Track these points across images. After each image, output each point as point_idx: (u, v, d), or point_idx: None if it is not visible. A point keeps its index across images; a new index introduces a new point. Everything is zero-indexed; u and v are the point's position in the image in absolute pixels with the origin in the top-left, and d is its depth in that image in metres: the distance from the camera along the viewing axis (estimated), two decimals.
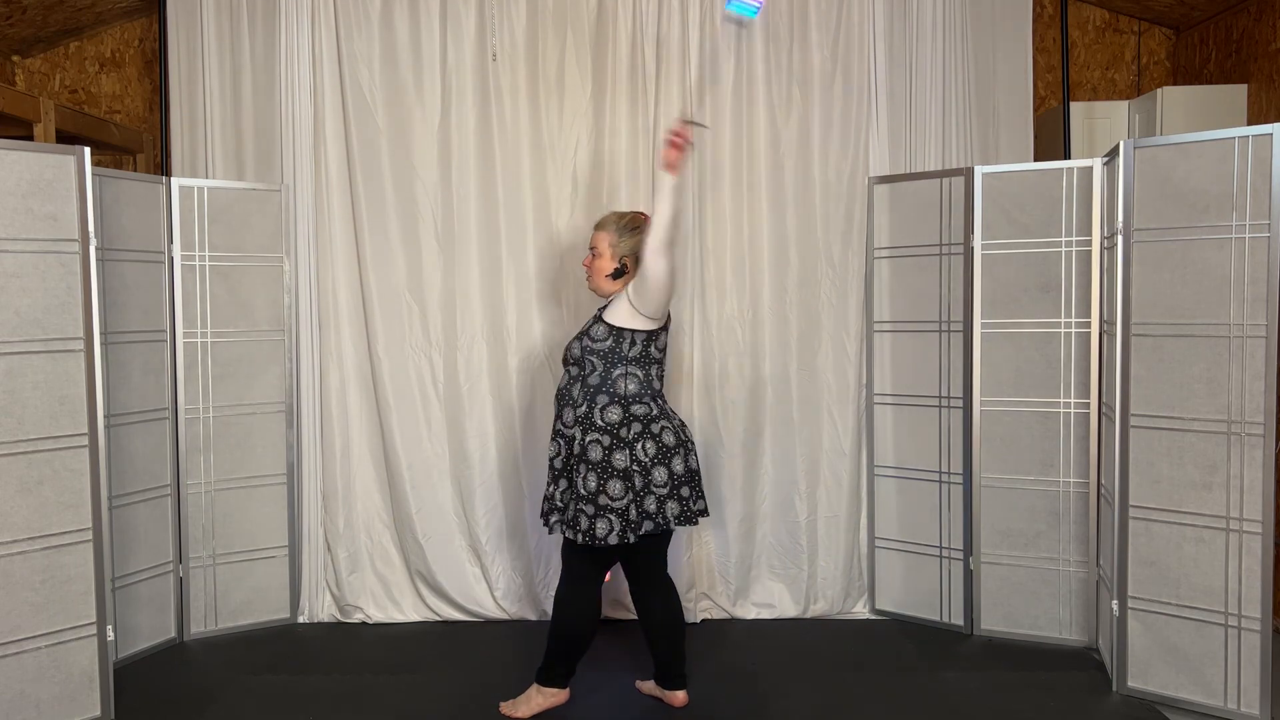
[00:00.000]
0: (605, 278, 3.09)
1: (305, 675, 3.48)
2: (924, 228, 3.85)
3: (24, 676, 2.96)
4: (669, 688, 3.19)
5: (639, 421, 2.97)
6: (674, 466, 2.98)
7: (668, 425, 3.01)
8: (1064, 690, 3.29)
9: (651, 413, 2.99)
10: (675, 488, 2.98)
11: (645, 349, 3.00)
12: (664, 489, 2.96)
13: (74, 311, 3.03)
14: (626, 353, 2.99)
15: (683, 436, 3.04)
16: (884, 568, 4.03)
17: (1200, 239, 3.07)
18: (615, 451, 2.94)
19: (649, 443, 2.96)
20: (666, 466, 2.96)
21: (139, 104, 4.63)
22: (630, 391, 2.98)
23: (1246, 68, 4.14)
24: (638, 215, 3.14)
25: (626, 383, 2.98)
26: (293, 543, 3.98)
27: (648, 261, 2.89)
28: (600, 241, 3.09)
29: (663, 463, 2.96)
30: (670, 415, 3.06)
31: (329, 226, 3.95)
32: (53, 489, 3.00)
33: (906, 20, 3.95)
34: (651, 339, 3.01)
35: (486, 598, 4.01)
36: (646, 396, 3.00)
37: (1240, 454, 3.02)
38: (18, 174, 2.92)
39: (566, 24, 3.94)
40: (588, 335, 3.03)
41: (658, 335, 3.03)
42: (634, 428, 2.96)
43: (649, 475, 2.95)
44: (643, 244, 2.96)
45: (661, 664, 3.18)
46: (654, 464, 2.95)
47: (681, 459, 3.01)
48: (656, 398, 3.04)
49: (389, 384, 3.95)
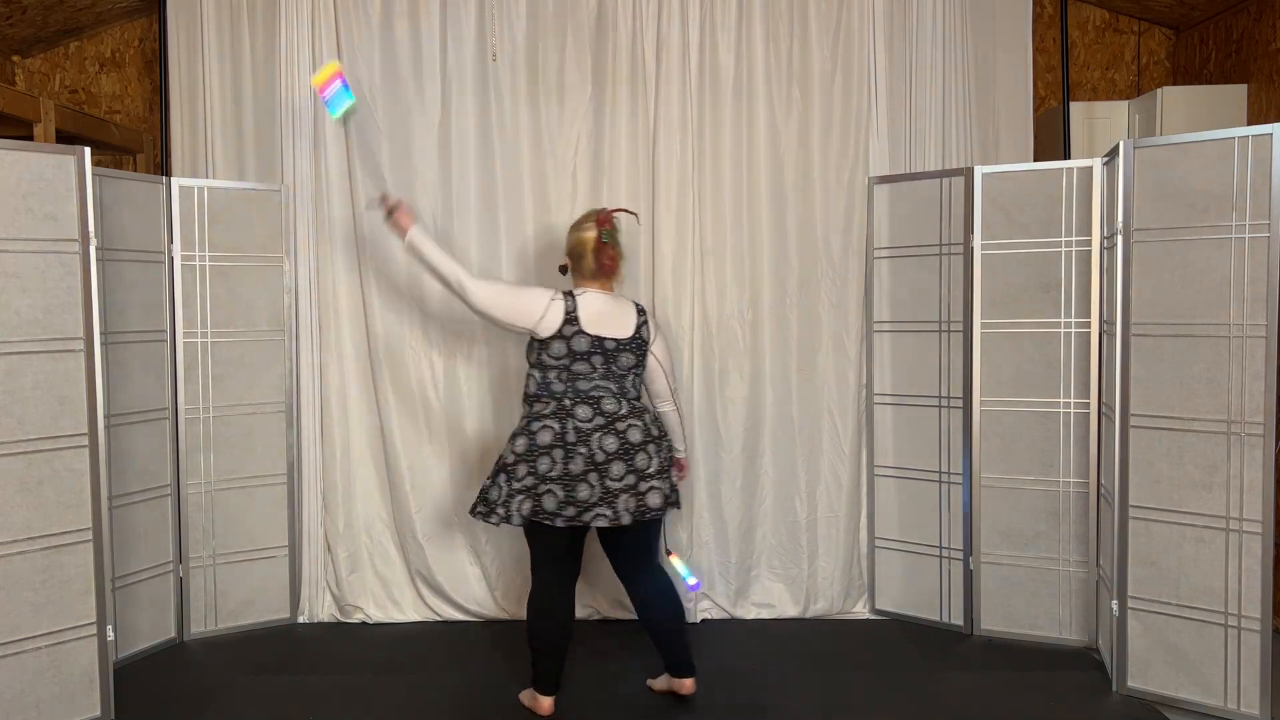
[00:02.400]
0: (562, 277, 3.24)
1: (305, 675, 3.48)
2: (924, 228, 3.85)
3: (24, 676, 2.96)
4: (678, 675, 3.21)
5: (528, 418, 3.08)
6: (539, 465, 2.99)
7: (548, 425, 3.02)
8: (1064, 690, 3.29)
9: (542, 411, 3.05)
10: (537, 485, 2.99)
11: (539, 355, 3.09)
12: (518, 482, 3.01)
13: (74, 311, 3.03)
14: (528, 356, 3.15)
15: (569, 440, 2.99)
16: (884, 568, 4.03)
17: (1200, 239, 3.07)
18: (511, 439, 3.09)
19: (521, 439, 3.05)
20: (530, 463, 3.00)
21: (139, 104, 4.63)
22: (529, 391, 3.12)
23: (1246, 68, 4.15)
24: (591, 212, 3.21)
25: (528, 383, 3.13)
26: (293, 543, 3.98)
27: None
28: None
29: (526, 459, 3.00)
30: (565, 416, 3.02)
31: (329, 226, 3.95)
32: (53, 489, 3.00)
33: (906, 20, 3.95)
34: (543, 346, 3.07)
35: (486, 598, 4.01)
36: (543, 396, 3.07)
37: (1240, 454, 3.02)
38: (18, 174, 2.92)
39: (566, 24, 3.94)
40: None
41: (548, 343, 3.06)
42: (521, 424, 3.09)
43: (514, 467, 3.03)
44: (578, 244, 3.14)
45: (668, 654, 3.20)
46: (521, 458, 3.01)
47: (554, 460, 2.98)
48: (555, 397, 3.06)
49: (389, 384, 3.95)
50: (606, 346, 3.07)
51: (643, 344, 3.14)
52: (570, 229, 3.22)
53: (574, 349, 3.04)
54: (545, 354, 3.07)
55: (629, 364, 3.11)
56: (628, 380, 3.12)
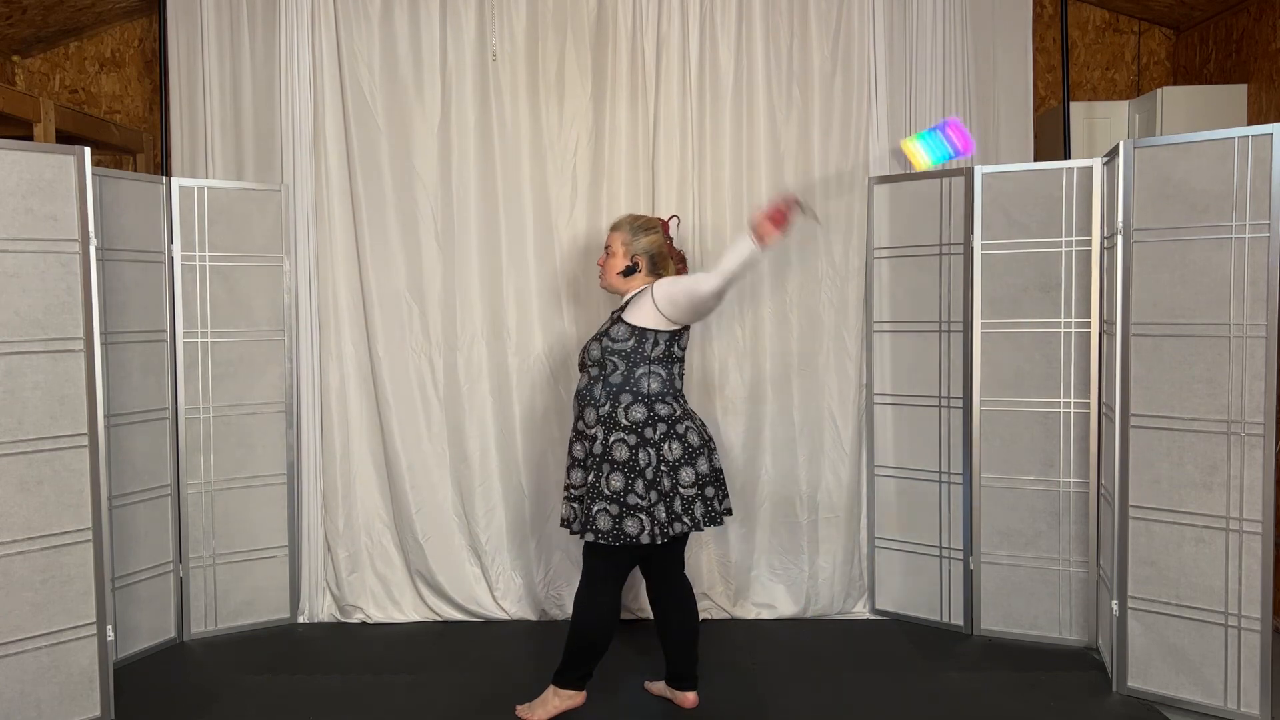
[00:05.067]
0: (616, 275, 3.14)
1: (305, 675, 3.48)
2: (924, 228, 3.85)
3: (24, 676, 2.96)
4: (680, 688, 3.19)
5: (664, 421, 2.98)
6: (699, 467, 3.00)
7: (691, 425, 3.03)
8: (1064, 690, 3.29)
9: (675, 412, 3.01)
10: (701, 488, 3.00)
11: (668, 349, 3.03)
12: (691, 489, 2.98)
13: (74, 311, 3.03)
14: (649, 352, 3.01)
15: (705, 436, 3.06)
16: (884, 568, 4.03)
17: (1200, 239, 3.07)
18: (640, 451, 2.95)
19: (674, 443, 2.97)
20: (692, 467, 2.98)
21: (139, 104, 4.63)
22: (653, 390, 3.00)
23: (1246, 68, 4.14)
24: (653, 218, 3.22)
25: (650, 381, 3.00)
26: (293, 543, 3.98)
27: (702, 288, 2.93)
28: (614, 241, 3.16)
29: (689, 463, 2.98)
30: (693, 415, 3.09)
31: (329, 226, 3.95)
32: (53, 489, 3.00)
33: (906, 20, 3.95)
34: (674, 338, 3.04)
35: (486, 598, 4.01)
36: (669, 396, 3.03)
37: (1240, 454, 3.02)
38: (18, 174, 2.92)
39: (566, 24, 3.94)
40: (608, 336, 3.04)
41: (680, 334, 3.06)
42: (659, 428, 2.97)
43: (676, 475, 2.96)
44: (661, 247, 3.14)
45: (674, 664, 3.19)
46: (680, 464, 2.97)
47: (706, 459, 3.03)
48: (679, 397, 3.07)
49: (389, 384, 3.94)
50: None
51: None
52: (639, 231, 3.14)
53: (687, 343, 3.12)
54: (676, 345, 3.04)
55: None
56: None
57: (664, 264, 3.17)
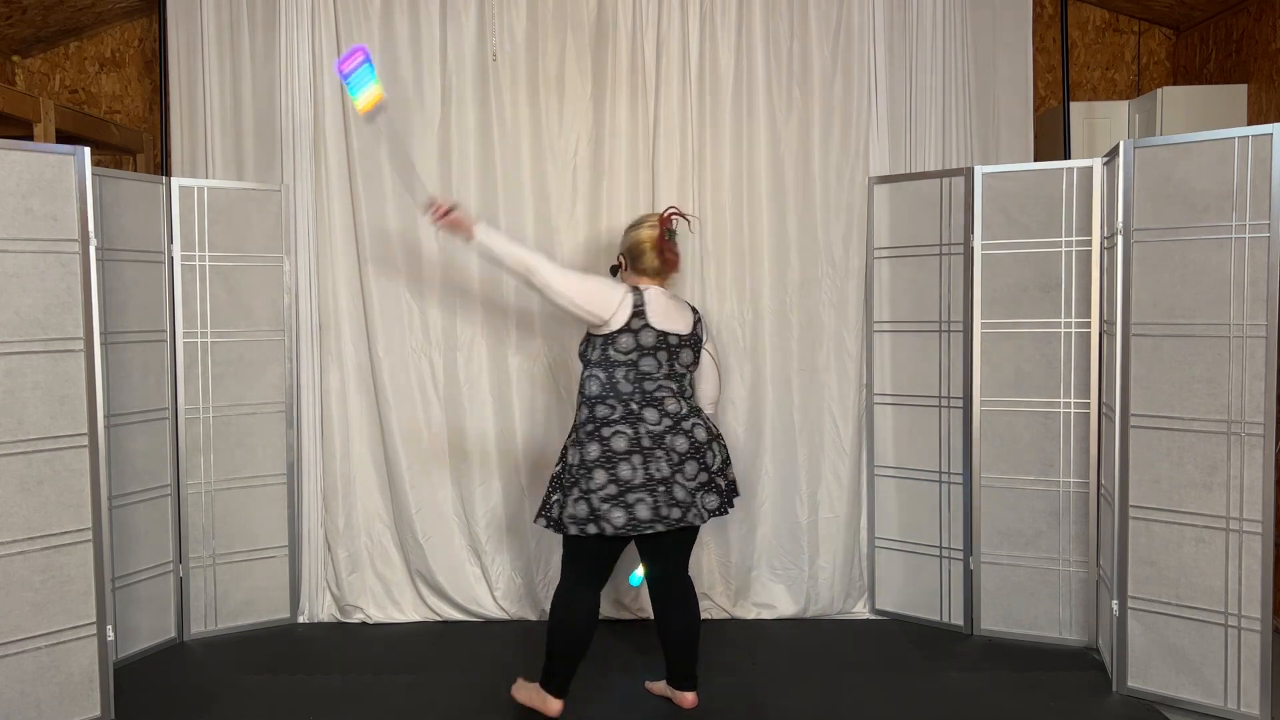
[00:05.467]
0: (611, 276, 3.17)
1: (305, 675, 3.48)
2: (924, 228, 3.85)
3: (24, 676, 2.96)
4: (680, 688, 3.19)
5: (594, 423, 2.99)
6: (620, 472, 2.92)
7: (621, 430, 2.96)
8: (1064, 690, 3.29)
9: (611, 415, 2.98)
10: (624, 493, 2.91)
11: (604, 351, 3.02)
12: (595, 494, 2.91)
13: (74, 311, 3.03)
14: (590, 355, 3.07)
15: (644, 444, 2.95)
16: (884, 568, 4.03)
17: (1200, 239, 3.07)
18: (570, 450, 3.02)
19: (592, 445, 2.95)
20: (608, 470, 2.91)
21: (139, 104, 4.63)
22: (592, 393, 3.03)
23: (1246, 68, 4.15)
24: (651, 214, 3.20)
25: (589, 384, 3.04)
26: (293, 543, 3.98)
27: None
28: None
29: (603, 466, 2.92)
30: (636, 420, 2.97)
31: (329, 226, 3.95)
32: (53, 489, 3.00)
33: (906, 20, 3.95)
34: (608, 341, 3.01)
35: (486, 598, 4.01)
36: (609, 398, 3.00)
37: (1240, 454, 3.02)
38: (18, 174, 2.92)
39: (566, 24, 3.94)
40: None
41: (615, 337, 3.00)
42: (587, 428, 2.99)
43: (590, 476, 2.93)
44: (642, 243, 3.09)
45: (674, 663, 3.19)
46: (594, 466, 2.93)
47: (634, 466, 2.92)
48: (623, 399, 2.99)
49: (389, 384, 3.94)
50: (670, 342, 3.05)
51: (699, 341, 3.15)
52: (628, 229, 3.17)
53: (641, 343, 3.01)
54: (612, 349, 3.00)
55: (688, 361, 3.11)
56: (685, 379, 3.12)
57: (640, 260, 3.11)
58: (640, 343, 3.00)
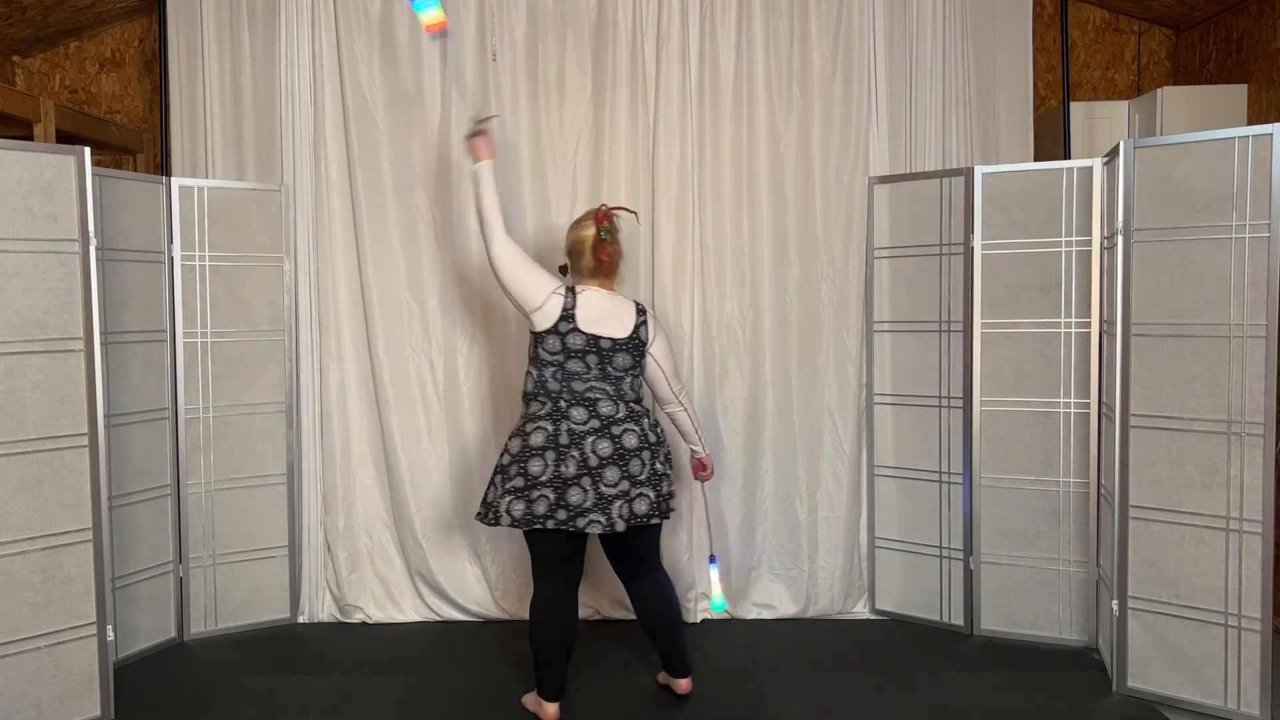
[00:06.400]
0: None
1: (305, 675, 3.48)
2: (924, 228, 3.85)
3: (24, 676, 2.96)
4: (674, 675, 3.24)
5: (524, 418, 3.08)
6: (530, 467, 2.97)
7: (542, 427, 3.00)
8: (1064, 690, 3.29)
9: (538, 411, 3.04)
10: (529, 488, 2.96)
11: (535, 350, 3.08)
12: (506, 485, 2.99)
13: (74, 311, 3.03)
14: (529, 352, 3.13)
15: (561, 442, 2.97)
16: (884, 568, 4.03)
17: (1200, 239, 3.07)
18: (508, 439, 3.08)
19: (515, 440, 3.04)
20: (521, 464, 2.98)
21: (139, 104, 4.63)
22: (526, 389, 3.12)
23: (1246, 68, 4.15)
24: (591, 211, 3.19)
25: (525, 381, 3.12)
26: (293, 543, 3.98)
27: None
28: None
29: (519, 460, 2.99)
30: (559, 417, 3.00)
31: (329, 226, 3.95)
32: (53, 489, 3.00)
33: (906, 20, 3.95)
34: (538, 340, 3.06)
35: (486, 598, 4.01)
36: (540, 395, 3.06)
37: (1240, 454, 3.02)
38: (18, 174, 2.92)
39: (566, 24, 3.94)
40: None
41: (544, 337, 3.04)
42: (519, 423, 3.08)
43: (506, 469, 3.02)
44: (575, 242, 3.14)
45: (664, 654, 3.22)
46: (515, 459, 3.00)
47: (546, 463, 2.96)
48: (551, 397, 3.04)
49: (389, 384, 3.95)
50: (602, 345, 3.05)
51: (640, 344, 3.11)
52: (570, 227, 3.22)
53: (568, 346, 3.03)
54: (541, 348, 3.06)
55: (625, 365, 3.09)
56: (625, 382, 3.10)
57: (577, 260, 3.13)
58: (567, 345, 3.03)
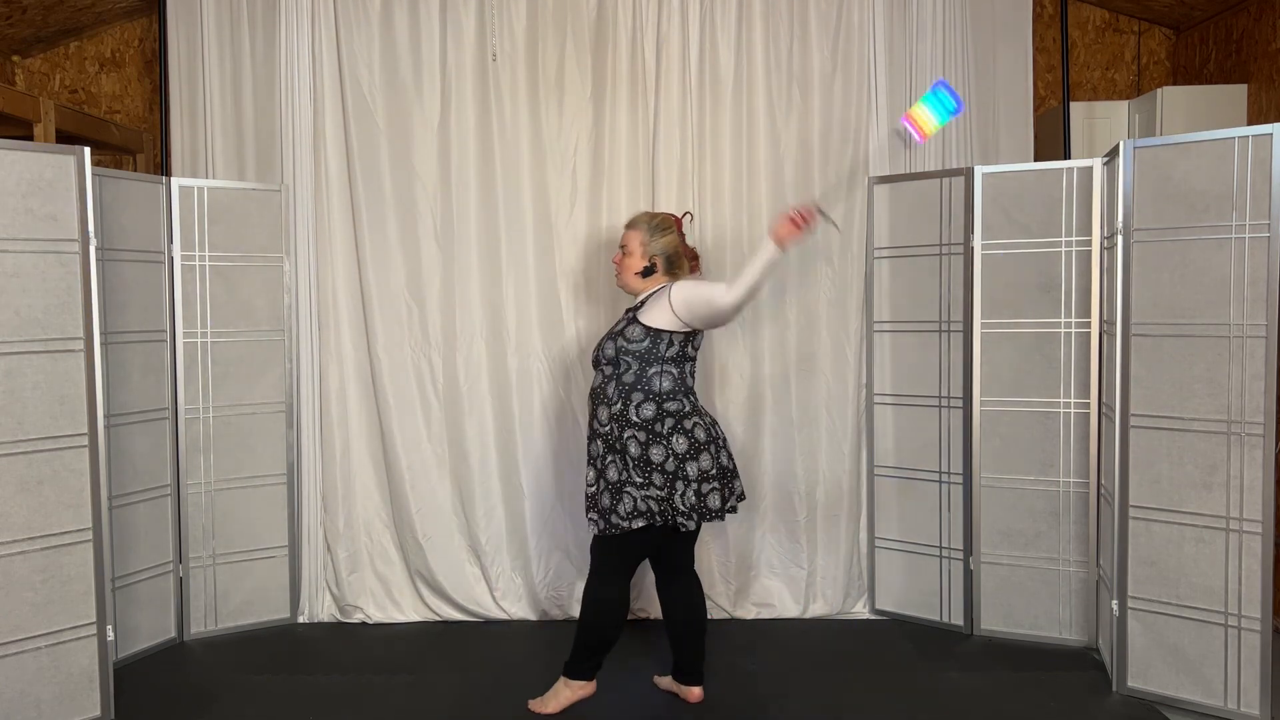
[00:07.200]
0: (634, 275, 3.15)
1: (305, 675, 3.48)
2: (924, 228, 3.85)
3: (24, 676, 2.96)
4: (685, 683, 3.22)
5: (672, 417, 3.00)
6: (702, 462, 2.99)
7: (699, 421, 3.04)
8: (1064, 690, 3.29)
9: (684, 409, 3.03)
10: (704, 482, 2.99)
11: (682, 349, 3.06)
12: (697, 483, 2.98)
13: (74, 311, 3.03)
14: (664, 353, 3.04)
15: (714, 433, 3.07)
16: (884, 568, 4.03)
17: (1200, 239, 3.07)
18: (652, 446, 2.98)
19: (680, 437, 2.99)
20: (696, 461, 2.98)
21: (139, 104, 4.63)
22: (664, 389, 3.03)
23: (1246, 68, 4.15)
24: (668, 216, 3.21)
25: (661, 380, 3.03)
26: (293, 543, 3.98)
27: (721, 301, 2.95)
28: (631, 240, 3.15)
29: (693, 458, 2.98)
30: (702, 411, 3.09)
31: (329, 226, 3.95)
32: (53, 489, 3.00)
33: (906, 20, 3.95)
34: (689, 339, 3.07)
35: (486, 598, 4.01)
36: (679, 393, 3.05)
37: (1240, 454, 3.02)
38: (18, 174, 2.92)
39: (566, 24, 3.94)
40: (622, 336, 3.06)
41: (695, 335, 3.08)
42: (667, 423, 3.00)
43: (683, 469, 2.97)
44: (678, 247, 3.15)
45: (680, 658, 3.21)
46: (686, 458, 2.98)
47: (711, 455, 3.02)
48: (689, 394, 3.09)
49: (389, 384, 3.95)
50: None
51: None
52: (656, 231, 3.13)
53: (700, 342, 3.15)
54: (690, 345, 3.08)
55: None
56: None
57: (679, 264, 3.18)
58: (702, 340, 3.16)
